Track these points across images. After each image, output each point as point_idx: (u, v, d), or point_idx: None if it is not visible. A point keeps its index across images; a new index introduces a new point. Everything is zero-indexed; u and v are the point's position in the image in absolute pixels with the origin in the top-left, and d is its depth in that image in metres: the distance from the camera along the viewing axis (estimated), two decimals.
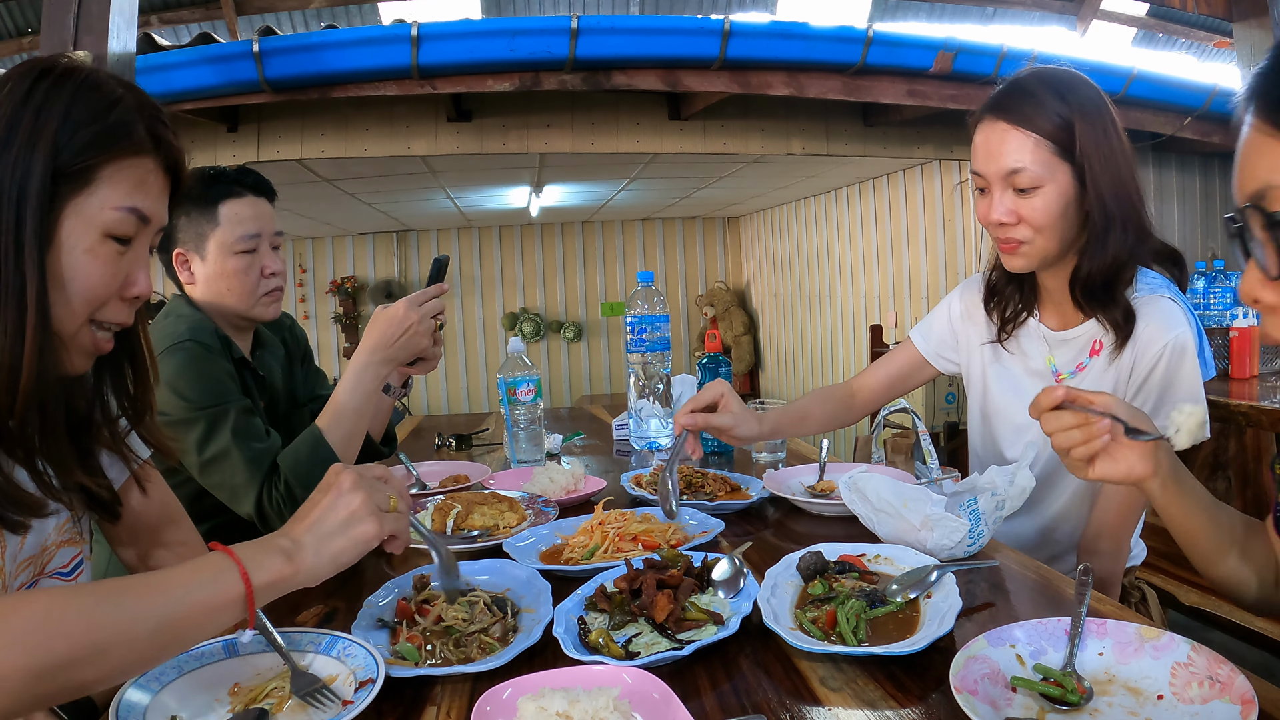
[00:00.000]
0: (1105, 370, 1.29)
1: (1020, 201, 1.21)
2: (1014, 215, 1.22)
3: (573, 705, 0.68)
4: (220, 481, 1.33)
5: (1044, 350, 1.37)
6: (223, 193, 1.51)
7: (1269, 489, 2.91)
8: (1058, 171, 1.19)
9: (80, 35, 2.32)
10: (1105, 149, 1.18)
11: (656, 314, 1.86)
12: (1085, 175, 1.19)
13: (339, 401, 1.38)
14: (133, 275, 0.88)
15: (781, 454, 1.77)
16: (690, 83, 3.17)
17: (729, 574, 0.98)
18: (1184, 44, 7.04)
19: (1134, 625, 0.80)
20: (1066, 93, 1.20)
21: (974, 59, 3.30)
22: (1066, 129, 1.18)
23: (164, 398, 1.34)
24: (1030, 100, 1.20)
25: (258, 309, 1.56)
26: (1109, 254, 1.21)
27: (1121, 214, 1.20)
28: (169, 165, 0.90)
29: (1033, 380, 1.39)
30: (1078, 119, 1.18)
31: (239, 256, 1.51)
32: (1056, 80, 1.22)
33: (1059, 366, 1.35)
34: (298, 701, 0.77)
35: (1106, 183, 1.19)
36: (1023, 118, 1.20)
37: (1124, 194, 1.20)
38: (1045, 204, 1.20)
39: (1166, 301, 1.24)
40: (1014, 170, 1.20)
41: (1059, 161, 1.19)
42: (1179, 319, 1.22)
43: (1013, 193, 1.21)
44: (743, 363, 7.48)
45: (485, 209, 6.28)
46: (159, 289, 6.51)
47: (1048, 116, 1.18)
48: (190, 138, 3.43)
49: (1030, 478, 1.12)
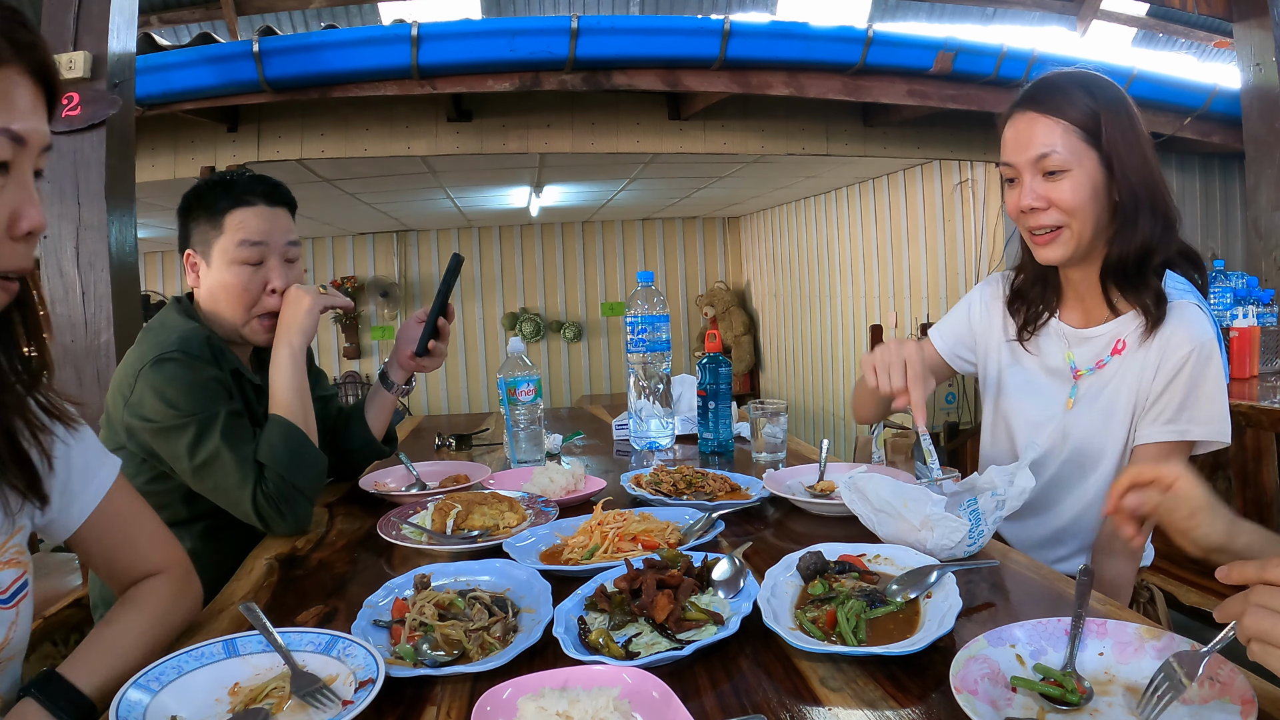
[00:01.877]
0: (1126, 370, 1.30)
1: (1050, 186, 1.24)
2: (1044, 200, 1.25)
3: (573, 705, 0.68)
4: (214, 485, 1.33)
5: (1063, 348, 1.39)
6: (233, 201, 1.47)
7: (1269, 489, 2.92)
8: (1085, 157, 1.23)
9: (80, 35, 2.33)
10: (1131, 138, 1.23)
11: (656, 314, 1.86)
12: (1113, 162, 1.23)
13: (281, 388, 1.42)
14: (18, 209, 0.74)
15: (781, 454, 1.77)
16: (690, 83, 3.17)
17: (729, 574, 0.98)
18: (1184, 44, 7.05)
19: (1134, 625, 0.80)
20: (1092, 87, 1.25)
21: (974, 59, 3.30)
22: (1094, 118, 1.23)
23: (153, 406, 1.34)
24: (1058, 92, 1.25)
25: (247, 330, 1.49)
26: (1139, 237, 1.24)
27: (1150, 199, 1.24)
28: (36, 72, 0.75)
29: (1049, 379, 1.40)
30: (1103, 110, 1.23)
31: (238, 268, 1.46)
32: (1082, 77, 1.27)
33: (1078, 363, 1.36)
34: (298, 701, 0.77)
35: (1134, 168, 1.23)
36: (1051, 106, 1.24)
37: (1151, 180, 1.24)
38: (1074, 187, 1.23)
39: (1194, 308, 1.25)
40: (1043, 154, 1.23)
41: (1086, 148, 1.23)
42: (1206, 326, 1.24)
43: (1042, 178, 1.25)
44: (743, 363, 7.48)
45: (485, 209, 6.28)
46: (159, 288, 6.50)
47: (1075, 106, 1.23)
48: (190, 138, 3.44)
49: (1030, 478, 1.12)
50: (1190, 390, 1.23)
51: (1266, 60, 3.43)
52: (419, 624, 0.89)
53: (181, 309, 1.51)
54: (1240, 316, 2.68)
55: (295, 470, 1.35)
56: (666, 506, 1.36)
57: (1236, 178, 4.57)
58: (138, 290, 2.54)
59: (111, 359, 2.33)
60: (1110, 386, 1.32)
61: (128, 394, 1.37)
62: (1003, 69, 3.34)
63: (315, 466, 1.40)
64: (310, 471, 1.38)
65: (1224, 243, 4.65)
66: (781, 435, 1.78)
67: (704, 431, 1.91)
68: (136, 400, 1.35)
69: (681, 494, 1.43)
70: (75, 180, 2.31)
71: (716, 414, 1.88)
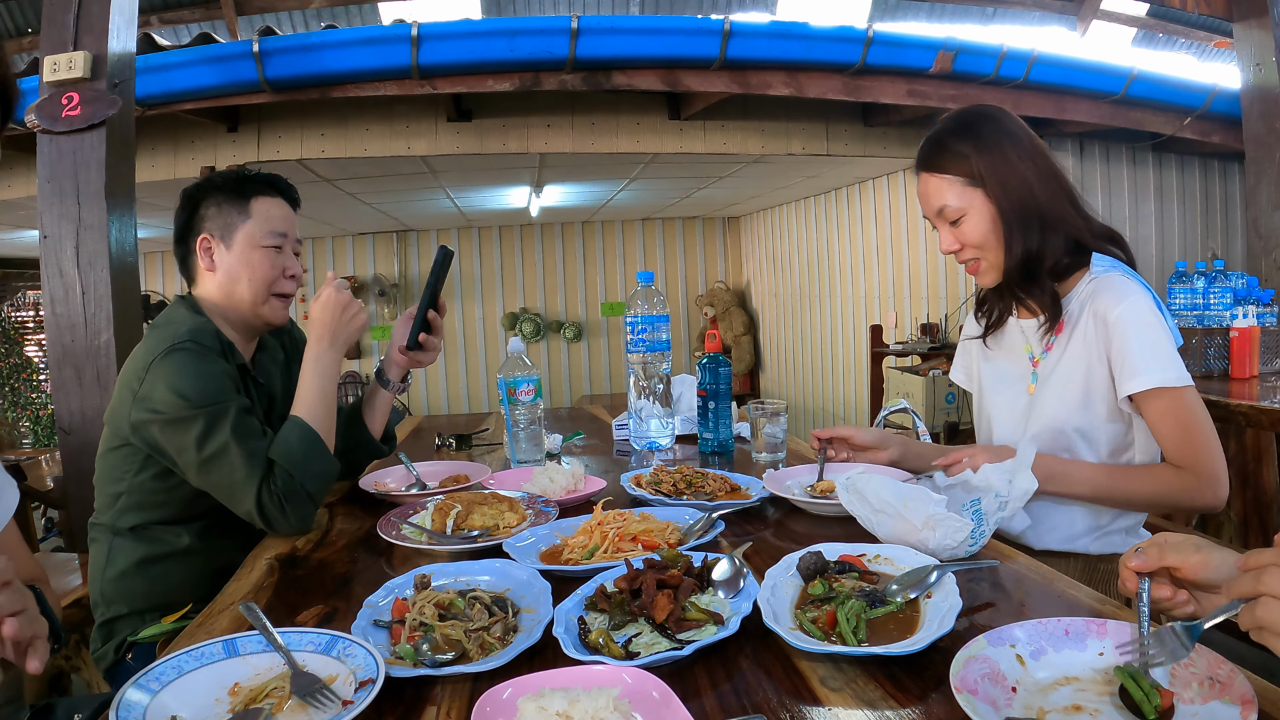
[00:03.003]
0: (1073, 347, 1.42)
1: (956, 230, 1.43)
2: (956, 242, 1.44)
3: (573, 705, 0.68)
4: (219, 480, 1.33)
5: (1022, 341, 1.53)
6: (257, 190, 1.57)
7: (1269, 489, 2.92)
8: (974, 198, 1.41)
9: (80, 35, 2.33)
10: (1002, 168, 1.38)
11: (656, 314, 1.86)
12: (992, 195, 1.39)
13: (308, 390, 1.43)
14: None
15: (781, 454, 1.77)
16: (690, 83, 3.17)
17: (729, 574, 0.98)
18: (1184, 44, 7.05)
19: (1133, 625, 0.80)
20: (969, 129, 1.41)
21: (974, 59, 3.30)
22: (969, 161, 1.39)
23: (163, 397, 1.34)
24: (938, 149, 1.43)
25: (265, 308, 1.56)
26: (1016, 253, 1.40)
27: (1022, 218, 1.38)
28: None
29: (1014, 370, 1.55)
30: (974, 151, 1.39)
31: (264, 251, 1.55)
32: (960, 120, 1.43)
33: (1034, 351, 1.50)
34: (298, 701, 0.77)
35: (1004, 197, 1.39)
36: (936, 165, 1.43)
37: (1026, 199, 1.38)
38: (973, 226, 1.41)
39: (1117, 276, 1.38)
40: (940, 208, 1.43)
41: (972, 190, 1.40)
42: (1130, 287, 1.36)
43: (949, 226, 1.44)
44: (743, 363, 7.48)
45: (485, 209, 6.29)
46: (159, 288, 6.49)
47: (952, 157, 1.41)
48: (190, 138, 3.44)
49: (1031, 480, 1.12)
50: (1131, 343, 1.33)
51: (1266, 60, 3.42)
52: (419, 624, 0.89)
53: (188, 305, 1.54)
54: (1240, 316, 2.67)
55: (306, 473, 1.35)
56: (666, 506, 1.36)
57: (1236, 178, 4.57)
58: (138, 290, 2.54)
59: (112, 359, 2.33)
60: (1062, 365, 1.44)
61: (136, 387, 1.37)
62: (1003, 69, 3.34)
63: (326, 472, 1.40)
64: (321, 477, 1.38)
65: (1224, 243, 4.65)
66: (781, 435, 1.78)
67: (704, 431, 1.91)
68: (146, 393, 1.36)
69: (681, 494, 1.43)
70: (75, 180, 2.31)
71: (716, 414, 1.88)
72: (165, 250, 6.79)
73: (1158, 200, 4.50)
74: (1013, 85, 3.45)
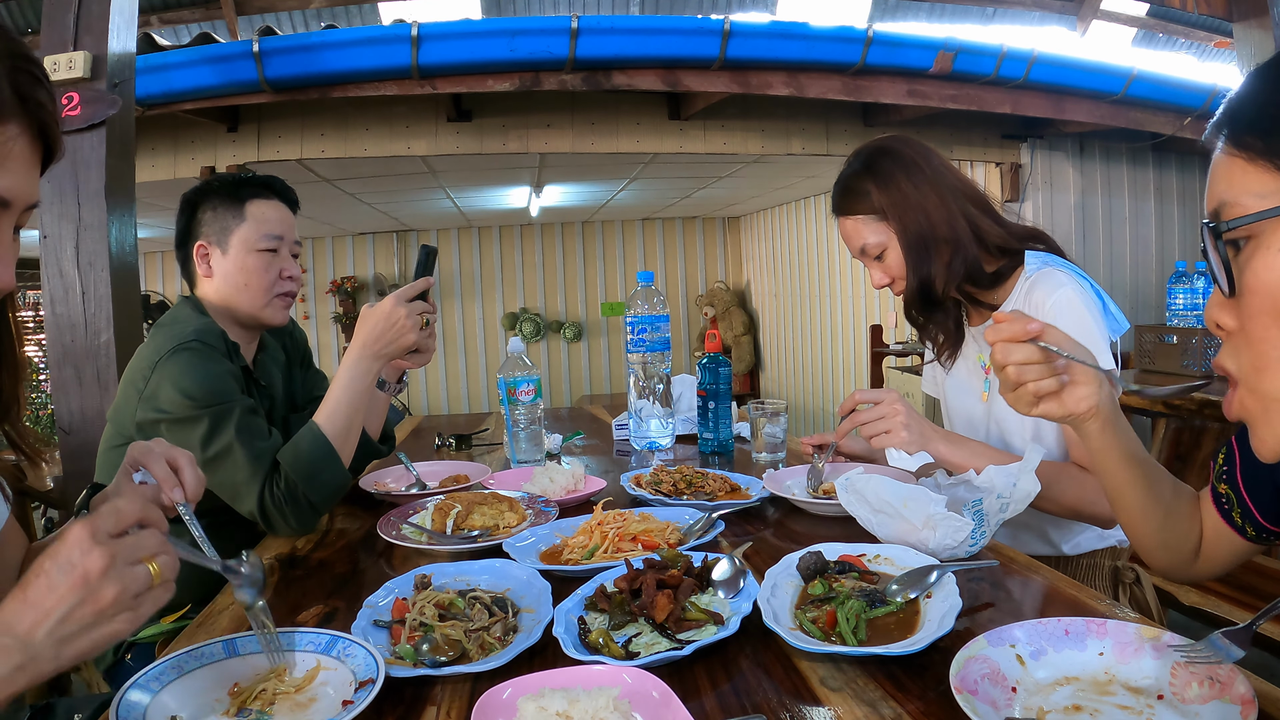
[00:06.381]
0: None
1: (882, 265, 1.47)
2: (886, 277, 1.48)
3: (573, 705, 0.68)
4: (223, 480, 1.33)
5: (975, 349, 1.56)
6: (252, 193, 1.57)
7: None
8: (887, 232, 1.44)
9: (80, 35, 2.33)
10: (899, 200, 1.41)
11: (656, 314, 1.86)
12: (896, 227, 1.42)
13: (334, 398, 1.40)
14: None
15: (781, 454, 1.77)
16: (690, 83, 3.17)
17: (729, 574, 0.98)
18: (1184, 44, 7.04)
19: (1134, 625, 0.80)
20: (866, 169, 1.45)
21: (974, 59, 3.30)
22: (870, 199, 1.44)
23: (168, 396, 1.34)
24: (844, 192, 1.48)
25: (268, 310, 1.57)
26: (914, 281, 1.44)
27: (919, 246, 1.41)
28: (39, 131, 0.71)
29: (969, 379, 1.57)
30: (874, 188, 1.43)
31: (260, 255, 1.54)
32: (861, 160, 1.47)
33: (986, 359, 1.53)
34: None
35: (903, 229, 1.42)
36: (845, 208, 1.48)
37: (923, 227, 1.41)
38: (895, 259, 1.45)
39: (1051, 271, 1.39)
40: (861, 248, 1.48)
41: (883, 225, 1.44)
42: (1060, 280, 1.37)
43: (874, 261, 1.48)
44: (743, 363, 7.48)
45: (485, 209, 6.29)
46: (159, 288, 6.51)
47: (856, 198, 1.45)
48: (190, 138, 3.44)
49: (1035, 482, 1.12)
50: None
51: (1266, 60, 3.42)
52: (419, 624, 0.89)
53: (193, 305, 1.55)
54: None
55: (311, 482, 1.33)
56: (666, 506, 1.36)
57: None
58: (138, 290, 2.54)
59: (112, 359, 2.33)
60: None
61: (142, 386, 1.37)
62: (1002, 69, 3.34)
63: (333, 485, 1.38)
64: (327, 488, 1.36)
65: None
66: (781, 435, 1.78)
67: (704, 431, 1.91)
68: (151, 392, 1.36)
69: (681, 494, 1.43)
70: (75, 180, 2.31)
71: (716, 414, 1.89)
72: (165, 250, 6.79)
73: (1158, 200, 4.50)
74: (1013, 85, 3.45)
